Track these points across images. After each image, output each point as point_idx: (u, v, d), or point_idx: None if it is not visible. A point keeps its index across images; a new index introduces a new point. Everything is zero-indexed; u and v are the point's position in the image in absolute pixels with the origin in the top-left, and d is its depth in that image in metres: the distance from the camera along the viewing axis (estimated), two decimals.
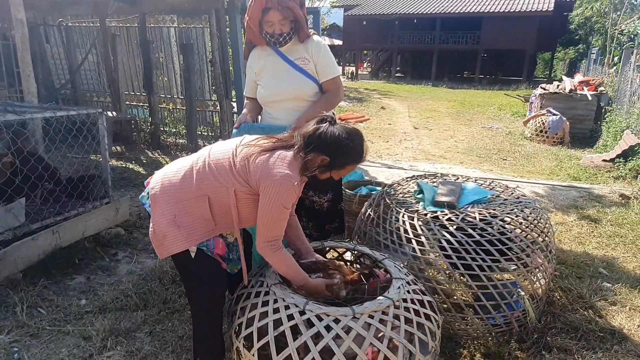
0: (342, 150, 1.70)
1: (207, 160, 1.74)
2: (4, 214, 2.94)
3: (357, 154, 1.76)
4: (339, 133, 1.69)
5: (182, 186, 1.72)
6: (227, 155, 1.73)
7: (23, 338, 2.32)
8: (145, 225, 3.79)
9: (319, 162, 1.68)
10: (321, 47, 2.44)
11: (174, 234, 1.69)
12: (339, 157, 1.71)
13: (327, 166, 1.71)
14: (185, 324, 2.45)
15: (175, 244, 1.70)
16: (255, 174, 1.65)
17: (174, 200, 1.71)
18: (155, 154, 6.46)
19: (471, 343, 2.34)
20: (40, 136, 3.89)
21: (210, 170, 1.71)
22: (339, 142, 1.68)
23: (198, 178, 1.71)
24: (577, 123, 8.81)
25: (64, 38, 7.12)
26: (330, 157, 1.69)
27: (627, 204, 4.66)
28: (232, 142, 1.82)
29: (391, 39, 27.96)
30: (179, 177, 1.74)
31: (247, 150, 1.71)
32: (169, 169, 1.82)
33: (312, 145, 1.67)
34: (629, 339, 2.43)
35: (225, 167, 1.70)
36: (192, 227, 1.70)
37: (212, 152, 1.77)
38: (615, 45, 15.69)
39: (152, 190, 1.76)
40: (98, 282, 2.91)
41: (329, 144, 1.68)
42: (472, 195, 2.70)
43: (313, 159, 1.67)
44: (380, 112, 12.28)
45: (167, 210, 1.70)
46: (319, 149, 1.67)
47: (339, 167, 1.75)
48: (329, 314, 1.62)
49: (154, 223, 1.73)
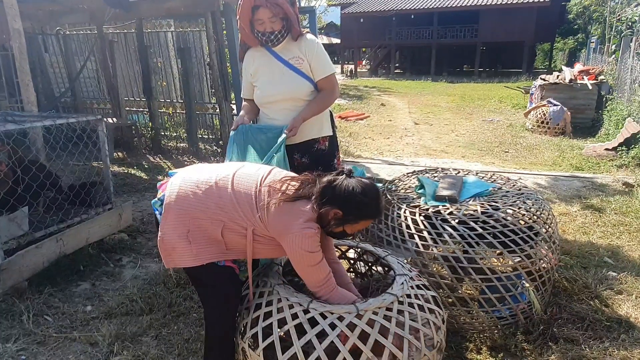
0: (355, 205, 1.66)
1: (229, 188, 1.68)
2: (8, 223, 2.95)
3: (370, 210, 1.71)
4: (353, 187, 1.65)
5: (199, 204, 1.67)
6: (250, 190, 1.68)
7: (30, 346, 2.33)
8: (149, 230, 3.80)
9: (332, 215, 1.65)
10: (315, 45, 2.43)
11: (184, 248, 1.67)
12: (351, 211, 1.67)
13: (340, 220, 1.67)
14: (191, 327, 2.46)
15: (184, 259, 1.68)
16: (275, 226, 1.64)
17: (189, 216, 1.67)
18: (156, 158, 6.48)
19: (477, 336, 2.33)
20: (41, 144, 3.90)
21: (230, 200, 1.66)
22: (352, 196, 1.64)
23: (219, 203, 1.66)
24: (579, 113, 8.78)
25: (62, 46, 7.15)
26: (343, 212, 1.65)
27: (630, 192, 4.64)
28: (258, 172, 1.76)
29: (389, 36, 27.93)
30: (198, 192, 1.68)
31: (270, 194, 1.67)
32: (187, 178, 1.75)
33: (327, 197, 1.64)
34: (636, 327, 2.41)
35: (246, 202, 1.66)
36: (203, 245, 1.68)
37: (237, 178, 1.72)
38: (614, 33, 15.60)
39: (167, 199, 1.71)
40: (103, 288, 2.92)
41: (342, 197, 1.64)
42: (474, 189, 2.69)
43: (326, 212, 1.64)
44: (380, 109, 12.27)
45: (179, 224, 1.67)
46: (332, 203, 1.64)
47: (352, 221, 1.70)
48: (332, 311, 1.62)
49: (164, 233, 1.69)
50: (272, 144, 2.29)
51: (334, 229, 1.69)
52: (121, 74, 6.95)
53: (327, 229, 1.69)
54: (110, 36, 6.89)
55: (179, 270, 2.90)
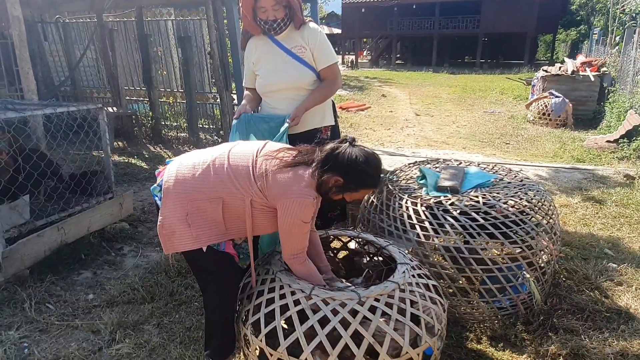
0: (356, 173, 1.67)
1: (226, 164, 1.70)
2: (9, 212, 2.95)
3: (371, 180, 1.73)
4: (356, 155, 1.66)
5: (197, 185, 1.68)
6: (247, 162, 1.70)
7: (32, 333, 2.34)
8: (150, 219, 3.80)
9: (333, 182, 1.65)
10: (317, 34, 2.41)
11: (183, 232, 1.68)
12: (353, 179, 1.68)
13: (341, 187, 1.68)
14: (192, 316, 2.47)
15: (183, 243, 1.69)
16: (272, 190, 1.64)
17: (187, 198, 1.68)
18: (157, 148, 6.47)
19: (477, 326, 2.34)
20: (42, 133, 3.89)
21: (228, 175, 1.68)
22: (354, 165, 1.65)
23: (215, 180, 1.68)
24: (580, 104, 8.75)
25: (62, 35, 7.10)
26: (344, 179, 1.66)
27: (631, 184, 4.64)
28: (252, 147, 1.78)
29: (390, 26, 27.72)
30: (195, 174, 1.70)
31: (268, 162, 1.68)
32: (184, 163, 1.76)
33: (329, 164, 1.65)
34: (635, 318, 2.43)
35: (244, 175, 1.67)
36: (203, 227, 1.68)
37: (232, 155, 1.73)
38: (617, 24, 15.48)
39: (166, 184, 1.72)
40: (105, 277, 2.93)
41: (345, 165, 1.65)
42: (475, 179, 2.68)
43: (328, 179, 1.64)
44: (381, 100, 12.22)
45: (178, 207, 1.68)
46: (334, 170, 1.64)
47: (352, 190, 1.72)
48: (335, 298, 1.63)
49: (163, 217, 1.70)
50: (274, 133, 2.28)
51: (334, 196, 1.71)
52: (121, 63, 6.91)
53: (326, 195, 1.70)
54: (110, 24, 6.84)
55: (181, 259, 2.91)
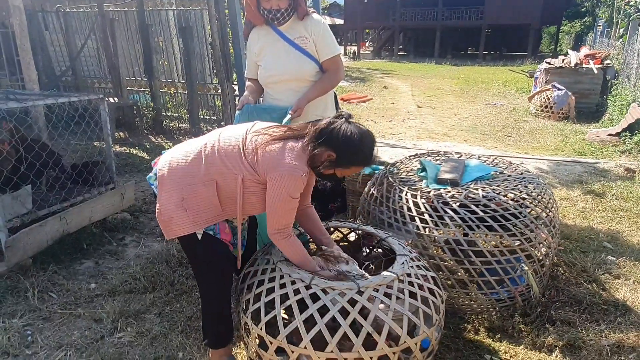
0: (350, 150, 1.68)
1: (217, 146, 1.72)
2: (12, 202, 2.97)
3: (364, 157, 1.73)
4: (351, 132, 1.67)
5: (190, 170, 1.71)
6: (237, 141, 1.72)
7: (36, 322, 2.37)
8: (151, 210, 3.82)
9: (326, 157, 1.67)
10: (321, 25, 2.41)
11: (181, 216, 1.71)
12: (346, 155, 1.69)
13: (333, 162, 1.69)
14: (193, 305, 2.49)
15: (182, 227, 1.72)
16: (263, 163, 1.65)
17: (182, 183, 1.71)
18: (158, 138, 6.47)
19: (475, 318, 2.37)
20: (43, 123, 3.90)
21: (219, 156, 1.70)
22: (349, 141, 1.66)
23: (207, 163, 1.70)
24: (583, 97, 8.71)
25: (63, 24, 7.07)
26: (337, 154, 1.67)
27: (632, 177, 4.64)
28: (242, 127, 1.80)
29: (393, 17, 27.53)
30: (187, 160, 1.73)
31: (257, 138, 1.70)
32: (177, 151, 1.81)
33: (323, 138, 1.66)
34: (632, 311, 2.44)
35: (235, 153, 1.69)
36: (199, 210, 1.71)
37: (222, 137, 1.76)
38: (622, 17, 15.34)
39: (160, 172, 1.76)
40: (107, 266, 2.96)
41: (339, 140, 1.66)
42: (475, 172, 2.69)
43: (320, 153, 1.65)
44: (383, 92, 12.18)
45: (174, 193, 1.71)
46: (328, 144, 1.65)
47: (344, 165, 1.73)
48: (334, 287, 1.65)
49: (161, 204, 1.74)
50: None
51: (325, 170, 1.72)
52: (122, 53, 6.89)
53: (317, 169, 1.72)
54: (111, 14, 6.81)
55: (182, 250, 2.93)
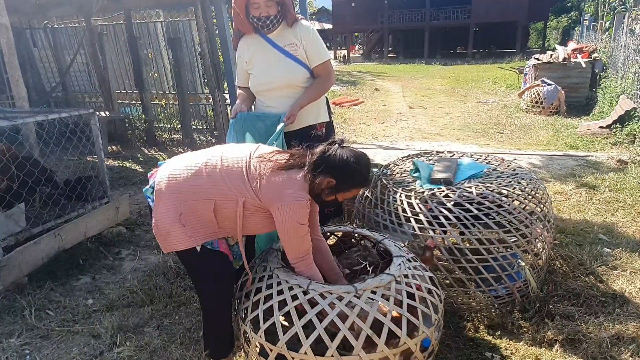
0: (348, 174, 1.70)
1: (219, 165, 1.71)
2: (5, 220, 2.95)
3: (363, 178, 1.77)
4: (347, 156, 1.69)
5: (189, 186, 1.70)
6: (240, 164, 1.72)
7: (34, 340, 2.35)
8: (147, 222, 3.81)
9: (326, 184, 1.68)
10: (310, 32, 2.42)
11: (178, 231, 1.69)
12: (345, 180, 1.71)
13: (333, 189, 1.71)
14: (192, 316, 2.48)
15: (180, 241, 1.71)
16: (266, 193, 1.66)
17: (180, 199, 1.69)
18: (151, 151, 6.46)
19: (475, 316, 2.37)
20: (35, 140, 3.88)
21: (221, 176, 1.69)
22: (346, 165, 1.69)
23: (209, 181, 1.69)
24: (573, 91, 8.77)
25: (51, 40, 7.06)
26: (337, 180, 1.69)
27: (624, 169, 4.67)
28: (245, 149, 1.80)
29: (381, 19, 27.68)
30: (187, 175, 1.71)
31: (262, 164, 1.70)
32: (176, 165, 1.78)
33: (321, 167, 1.67)
34: (630, 301, 2.46)
35: (237, 176, 1.69)
36: (196, 226, 1.70)
37: (225, 157, 1.75)
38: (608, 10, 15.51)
39: (158, 186, 1.74)
40: (103, 281, 2.94)
41: (337, 166, 1.68)
42: (468, 171, 2.70)
43: (320, 181, 1.67)
44: (374, 94, 12.22)
45: (171, 208, 1.70)
46: (326, 172, 1.67)
47: (345, 190, 1.75)
48: (332, 292, 1.66)
49: (157, 218, 1.72)
50: (270, 132, 2.29)
51: (326, 197, 1.74)
52: (112, 67, 6.88)
53: (318, 198, 1.74)
54: (99, 28, 6.81)
55: (179, 261, 2.92)
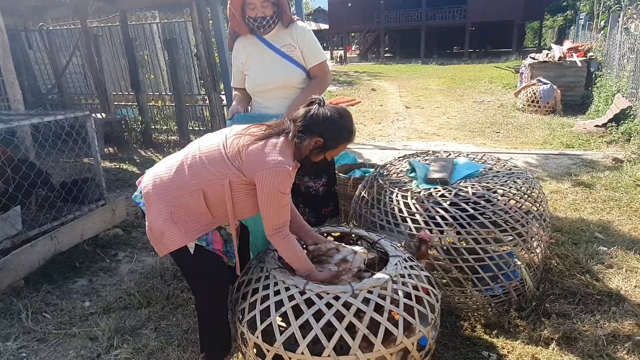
0: (335, 130, 1.72)
1: (198, 154, 1.72)
2: (1, 223, 2.94)
3: (349, 133, 1.78)
4: (330, 113, 1.71)
5: (174, 183, 1.71)
6: (218, 147, 1.72)
7: (30, 343, 2.34)
8: (143, 224, 3.76)
9: (313, 144, 1.70)
10: (306, 32, 2.43)
11: (172, 230, 1.70)
12: (332, 136, 1.73)
13: (321, 147, 1.73)
14: (189, 318, 2.48)
15: (174, 241, 1.71)
16: (248, 164, 1.65)
17: (168, 197, 1.70)
18: (148, 152, 6.45)
19: (471, 315, 2.37)
20: (30, 143, 3.87)
21: (202, 164, 1.70)
22: (331, 122, 1.70)
23: (191, 173, 1.70)
24: (568, 90, 8.80)
25: (47, 42, 7.04)
26: (324, 138, 1.71)
27: (620, 167, 4.69)
28: (220, 133, 1.81)
29: (378, 20, 27.72)
30: (170, 174, 1.73)
31: (239, 140, 1.70)
32: (159, 167, 1.81)
33: (305, 128, 1.68)
34: (626, 299, 2.47)
35: (217, 158, 1.69)
36: (189, 222, 1.71)
37: (202, 146, 1.76)
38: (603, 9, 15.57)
39: (145, 190, 1.76)
40: (100, 283, 2.93)
41: (322, 124, 1.69)
42: (464, 170, 2.71)
43: (308, 143, 1.68)
44: (371, 94, 12.23)
45: (162, 208, 1.70)
46: (312, 131, 1.69)
47: (333, 147, 1.77)
48: (328, 292, 1.66)
49: (150, 221, 1.73)
50: None
51: (315, 157, 1.75)
52: (108, 68, 6.86)
53: (307, 160, 1.74)
54: (95, 30, 6.79)
55: (176, 263, 2.92)
